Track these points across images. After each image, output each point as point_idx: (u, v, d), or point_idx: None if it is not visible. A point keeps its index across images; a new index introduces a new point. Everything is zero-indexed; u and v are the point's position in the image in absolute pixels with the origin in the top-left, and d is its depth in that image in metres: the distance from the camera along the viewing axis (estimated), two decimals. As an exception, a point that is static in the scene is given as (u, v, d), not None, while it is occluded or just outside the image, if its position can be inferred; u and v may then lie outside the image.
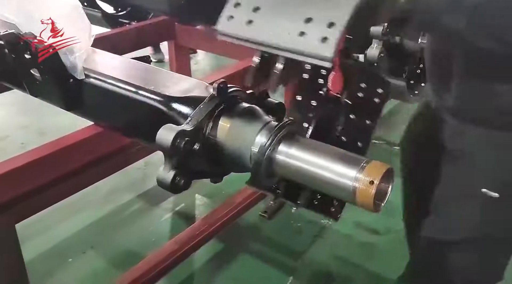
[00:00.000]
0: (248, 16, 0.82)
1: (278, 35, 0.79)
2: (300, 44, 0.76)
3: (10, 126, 3.36)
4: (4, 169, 1.11)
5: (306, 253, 2.21)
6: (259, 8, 0.82)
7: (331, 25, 0.75)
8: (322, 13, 0.77)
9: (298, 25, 0.77)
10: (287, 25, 0.78)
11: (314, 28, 0.76)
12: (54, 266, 2.12)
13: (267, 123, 0.96)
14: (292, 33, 0.77)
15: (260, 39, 0.81)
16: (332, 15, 0.76)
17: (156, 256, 1.87)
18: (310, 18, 0.77)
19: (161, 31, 2.43)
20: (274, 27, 0.79)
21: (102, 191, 2.55)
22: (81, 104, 1.22)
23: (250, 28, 0.82)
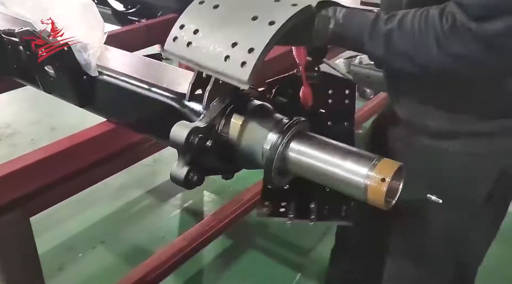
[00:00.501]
0: (188, 38, 0.89)
1: (209, 57, 0.86)
2: (224, 67, 0.84)
3: (22, 122, 3.40)
4: (18, 165, 1.13)
5: (314, 250, 2.22)
6: (198, 31, 0.88)
7: (251, 51, 0.82)
8: (246, 39, 0.84)
9: (225, 49, 0.84)
10: (217, 48, 0.85)
11: (237, 53, 0.83)
12: (65, 260, 2.14)
13: (278, 121, 0.97)
14: (220, 56, 0.84)
15: (196, 60, 0.88)
16: (253, 41, 0.82)
17: (165, 252, 1.89)
18: (235, 42, 0.84)
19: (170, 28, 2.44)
20: (207, 49, 0.86)
21: (112, 187, 2.57)
22: (94, 101, 1.24)
23: (189, 49, 0.88)
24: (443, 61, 0.86)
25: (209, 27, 0.88)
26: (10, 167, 1.11)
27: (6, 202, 1.09)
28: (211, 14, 0.89)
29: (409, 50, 0.87)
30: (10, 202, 1.10)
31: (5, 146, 3.13)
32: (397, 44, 0.88)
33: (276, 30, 0.82)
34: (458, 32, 0.82)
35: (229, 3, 0.91)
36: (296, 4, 0.86)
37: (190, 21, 0.90)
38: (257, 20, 0.84)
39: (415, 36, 0.86)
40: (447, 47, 0.84)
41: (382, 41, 0.89)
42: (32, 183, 1.17)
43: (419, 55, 0.87)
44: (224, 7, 0.90)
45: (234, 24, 0.86)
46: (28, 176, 1.14)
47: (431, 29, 0.85)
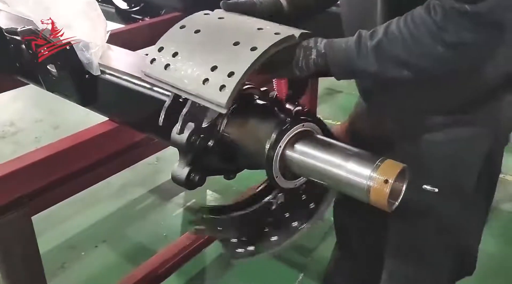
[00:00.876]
0: (167, 60, 0.88)
1: (187, 80, 0.85)
2: (202, 90, 0.82)
3: (25, 120, 3.41)
4: (20, 164, 1.12)
5: (316, 250, 2.22)
6: (177, 53, 0.88)
7: (231, 75, 0.81)
8: (226, 63, 0.83)
9: (204, 72, 0.83)
10: (196, 71, 0.84)
11: (216, 76, 0.82)
12: (67, 259, 2.14)
13: (281, 121, 0.97)
14: (198, 79, 0.83)
15: (173, 82, 0.87)
16: (234, 66, 0.82)
17: (167, 251, 1.89)
18: (215, 66, 0.83)
19: (173, 27, 2.44)
20: (185, 72, 0.85)
21: (115, 186, 2.57)
22: (97, 100, 1.24)
23: (167, 72, 0.88)
24: (442, 56, 0.85)
25: (189, 50, 0.87)
26: (12, 166, 1.10)
27: (8, 201, 1.09)
28: (192, 39, 0.88)
29: (402, 55, 0.86)
30: (12, 201, 1.10)
31: (9, 143, 3.14)
32: (389, 53, 0.87)
33: (258, 56, 0.81)
34: (451, 19, 0.82)
35: (210, 29, 0.90)
36: (279, 33, 0.85)
37: (169, 44, 0.89)
38: (239, 45, 0.83)
39: (406, 40, 0.85)
40: (445, 38, 0.83)
41: (372, 56, 0.87)
42: (34, 182, 1.17)
43: (414, 58, 0.86)
44: (205, 33, 0.89)
45: (215, 49, 0.85)
46: (30, 175, 1.14)
47: (422, 27, 0.84)
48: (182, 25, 0.92)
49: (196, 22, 0.92)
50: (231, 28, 0.89)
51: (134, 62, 1.27)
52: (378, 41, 0.87)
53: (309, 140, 0.92)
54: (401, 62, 0.87)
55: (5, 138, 3.20)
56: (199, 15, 0.94)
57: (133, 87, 1.11)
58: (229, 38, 0.85)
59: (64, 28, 1.18)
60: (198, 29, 0.89)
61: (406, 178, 0.85)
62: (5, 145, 3.12)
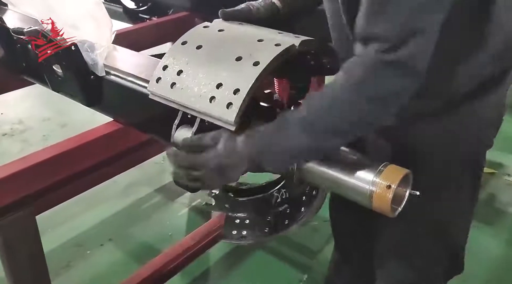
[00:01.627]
0: (172, 78, 0.89)
1: (194, 98, 0.85)
2: (210, 108, 0.83)
3: (34, 118, 3.43)
4: (25, 165, 1.13)
5: (321, 252, 2.21)
6: (182, 71, 0.89)
7: (236, 92, 0.81)
8: (231, 80, 0.83)
9: (210, 90, 0.84)
10: (202, 89, 0.85)
11: (222, 94, 0.83)
12: (73, 257, 2.16)
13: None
14: (204, 98, 0.84)
15: (180, 101, 0.87)
16: (238, 82, 0.82)
17: (172, 251, 1.89)
18: (220, 83, 0.84)
19: (181, 27, 2.44)
20: (191, 90, 0.86)
21: (121, 185, 2.58)
22: (101, 101, 1.24)
23: (173, 90, 0.88)
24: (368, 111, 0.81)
25: (193, 68, 0.87)
26: (17, 167, 1.11)
27: (13, 200, 1.10)
28: (195, 55, 0.89)
29: (331, 122, 0.81)
30: (16, 200, 1.11)
31: (17, 141, 3.17)
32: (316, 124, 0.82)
33: (261, 71, 0.81)
34: (374, 72, 0.79)
35: (212, 43, 0.90)
36: (280, 44, 0.85)
37: (173, 62, 0.90)
38: (242, 60, 0.84)
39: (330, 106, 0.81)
40: (368, 92, 0.79)
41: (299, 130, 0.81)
42: (39, 182, 1.17)
43: (344, 123, 0.82)
44: (207, 48, 0.89)
45: (219, 65, 0.85)
46: (34, 175, 1.15)
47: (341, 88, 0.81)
48: (183, 41, 0.92)
49: (197, 37, 0.92)
50: (232, 41, 0.90)
51: (139, 63, 1.28)
52: (302, 116, 0.83)
53: None
54: (332, 129, 0.82)
55: (14, 136, 3.23)
56: (199, 28, 0.95)
57: (137, 88, 1.11)
58: (231, 52, 0.86)
59: (69, 29, 1.19)
60: (200, 45, 0.89)
61: (410, 184, 0.85)
62: (14, 143, 3.15)
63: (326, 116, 0.81)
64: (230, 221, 1.04)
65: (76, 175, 1.26)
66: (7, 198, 1.09)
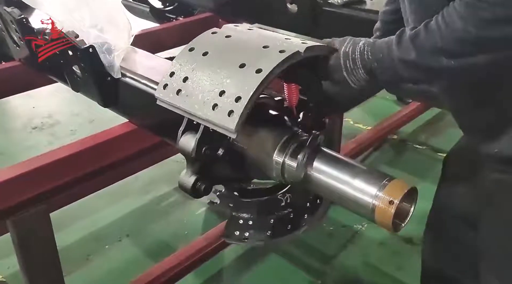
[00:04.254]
0: (178, 85, 0.89)
1: (197, 105, 0.86)
2: (212, 115, 0.84)
3: (62, 113, 3.53)
4: (44, 161, 1.17)
5: (336, 257, 2.19)
6: (187, 78, 0.89)
7: (238, 100, 0.81)
8: (233, 87, 0.83)
9: (213, 97, 0.84)
10: (205, 96, 0.85)
11: (224, 101, 0.83)
12: (91, 251, 2.21)
13: (292, 134, 0.96)
14: (207, 105, 0.84)
15: (185, 108, 0.88)
16: (240, 90, 0.82)
17: (187, 250, 1.92)
18: (223, 91, 0.84)
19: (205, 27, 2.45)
20: (196, 97, 0.86)
21: (141, 182, 2.63)
22: (117, 102, 1.26)
23: (179, 97, 0.89)
24: (475, 39, 0.84)
25: (198, 75, 0.88)
26: (32, 165, 1.15)
27: (27, 197, 1.13)
28: (201, 62, 0.89)
29: (438, 43, 0.87)
30: (31, 198, 1.14)
31: (46, 135, 3.27)
32: (425, 42, 0.88)
33: (263, 79, 0.81)
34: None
35: (218, 50, 0.90)
36: (284, 50, 0.84)
37: (180, 69, 0.90)
38: (245, 68, 0.84)
39: (441, 28, 0.87)
40: (479, 15, 0.82)
41: (410, 45, 0.89)
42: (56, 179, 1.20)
43: (448, 44, 0.86)
44: (213, 54, 0.90)
45: (222, 72, 0.86)
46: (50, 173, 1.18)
47: (454, 13, 0.85)
48: (191, 47, 0.93)
49: (204, 43, 0.92)
50: (238, 48, 0.90)
51: (155, 66, 1.29)
52: (416, 32, 0.89)
53: (318, 154, 0.90)
54: (437, 49, 0.87)
55: (43, 130, 3.33)
56: (207, 35, 0.95)
57: (150, 91, 1.12)
58: (235, 59, 0.86)
59: (88, 30, 1.22)
60: (206, 51, 0.90)
61: (415, 199, 0.83)
62: (43, 136, 3.25)
63: (437, 38, 0.87)
64: (234, 221, 1.04)
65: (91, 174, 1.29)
66: (22, 195, 1.12)
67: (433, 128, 3.21)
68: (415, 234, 2.27)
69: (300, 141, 0.92)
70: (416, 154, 2.98)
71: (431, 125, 3.25)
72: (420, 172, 2.65)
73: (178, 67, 0.90)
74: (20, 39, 1.45)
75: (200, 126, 0.88)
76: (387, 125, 2.96)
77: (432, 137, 3.10)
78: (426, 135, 3.13)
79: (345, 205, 0.87)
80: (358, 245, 2.25)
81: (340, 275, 2.11)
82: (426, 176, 2.51)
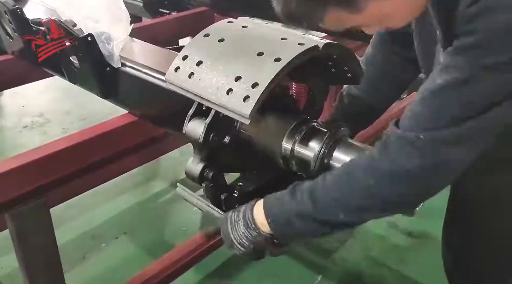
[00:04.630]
0: (191, 69, 0.88)
1: (211, 89, 0.84)
2: (226, 100, 0.82)
3: (53, 111, 3.48)
4: (40, 154, 1.13)
5: (337, 252, 2.17)
6: (201, 62, 0.87)
7: (255, 86, 0.80)
8: (250, 73, 0.81)
9: (228, 82, 0.83)
10: (220, 81, 0.84)
11: (240, 87, 0.81)
12: (88, 249, 2.17)
13: (300, 120, 0.94)
14: (222, 89, 0.83)
15: (196, 91, 0.86)
16: (258, 76, 0.80)
17: (186, 246, 1.88)
18: (239, 76, 0.82)
19: (200, 21, 2.43)
20: (209, 81, 0.85)
21: (137, 178, 2.59)
22: (117, 93, 1.23)
23: (191, 80, 0.87)
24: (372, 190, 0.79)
25: (213, 59, 0.86)
26: (30, 157, 1.11)
27: (26, 191, 1.10)
28: (216, 48, 0.88)
29: (335, 194, 0.82)
30: (30, 191, 1.11)
31: (38, 134, 3.21)
32: (323, 193, 0.83)
33: (282, 67, 0.80)
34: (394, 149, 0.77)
35: (234, 38, 0.89)
36: (303, 43, 0.83)
37: (194, 53, 0.89)
38: (263, 56, 0.82)
39: (340, 177, 0.82)
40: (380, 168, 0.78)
41: (307, 197, 0.83)
42: (53, 173, 1.17)
43: (346, 196, 0.81)
44: (229, 42, 0.88)
45: (239, 59, 0.84)
46: (48, 166, 1.14)
47: (356, 163, 0.82)
48: (206, 33, 0.91)
49: (220, 30, 0.91)
50: (255, 38, 0.88)
51: (155, 55, 1.27)
52: (313, 183, 0.84)
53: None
54: (334, 200, 0.82)
55: (34, 129, 3.27)
56: (223, 23, 0.93)
57: (152, 80, 1.10)
58: (253, 48, 0.84)
59: (86, 20, 1.18)
60: (222, 38, 0.88)
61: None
62: (34, 135, 3.19)
63: (334, 189, 0.83)
64: None
65: (91, 167, 1.26)
66: (21, 188, 1.09)
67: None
68: (414, 228, 2.27)
69: (309, 127, 0.90)
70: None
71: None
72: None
73: (192, 51, 0.88)
74: (14, 30, 1.41)
75: (211, 111, 0.86)
76: (383, 119, 2.94)
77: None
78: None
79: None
80: (359, 239, 2.24)
81: (341, 269, 2.10)
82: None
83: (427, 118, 0.75)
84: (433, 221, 2.20)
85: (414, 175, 0.75)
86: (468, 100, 0.72)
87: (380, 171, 0.77)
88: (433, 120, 0.74)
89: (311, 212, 0.82)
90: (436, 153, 0.73)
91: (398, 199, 0.78)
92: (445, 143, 0.73)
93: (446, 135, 0.73)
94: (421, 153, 0.73)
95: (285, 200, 0.85)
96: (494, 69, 0.70)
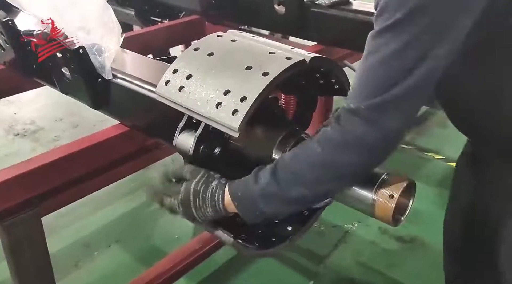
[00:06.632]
0: (181, 82, 0.90)
1: (200, 103, 0.86)
2: (215, 113, 0.84)
3: (46, 118, 3.47)
4: (32, 166, 1.14)
5: (328, 257, 2.19)
6: (191, 76, 0.89)
7: (243, 99, 0.82)
8: (239, 87, 0.84)
9: (217, 96, 0.85)
10: (209, 94, 0.86)
11: (229, 100, 0.83)
12: (80, 257, 2.17)
13: (290, 131, 0.96)
14: (211, 103, 0.85)
15: (186, 104, 0.88)
16: (246, 90, 0.83)
17: (179, 253, 1.90)
18: (228, 90, 0.84)
19: (192, 30, 2.45)
20: (199, 95, 0.87)
21: (130, 186, 2.59)
22: (108, 104, 1.25)
23: (181, 93, 0.89)
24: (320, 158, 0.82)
25: (202, 73, 0.88)
26: (23, 168, 1.12)
27: (18, 202, 1.11)
28: (206, 61, 0.90)
29: (293, 168, 0.84)
30: (22, 202, 1.12)
31: (30, 141, 3.21)
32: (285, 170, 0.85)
33: (270, 81, 0.82)
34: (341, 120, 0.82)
35: (223, 52, 0.91)
36: (291, 57, 0.86)
37: (184, 66, 0.91)
38: (251, 70, 0.85)
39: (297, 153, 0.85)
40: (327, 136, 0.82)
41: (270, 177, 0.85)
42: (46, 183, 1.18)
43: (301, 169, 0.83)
44: (218, 55, 0.90)
45: (228, 73, 0.86)
46: (40, 177, 1.15)
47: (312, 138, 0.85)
48: (196, 47, 0.93)
49: (210, 44, 0.93)
50: (244, 52, 0.91)
51: (146, 67, 1.28)
52: (274, 163, 0.87)
53: None
54: (293, 175, 0.84)
55: (26, 137, 3.27)
56: (213, 37, 0.96)
57: (143, 92, 1.12)
58: (241, 62, 0.87)
59: (78, 32, 1.20)
60: (211, 52, 0.90)
61: (413, 194, 0.84)
62: (26, 143, 3.19)
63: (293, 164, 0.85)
64: None
65: (82, 177, 1.27)
66: (14, 199, 1.10)
67: (419, 128, 3.26)
68: (405, 233, 2.30)
69: (298, 138, 0.92)
70: (402, 153, 3.01)
71: (417, 125, 3.29)
72: (406, 171, 2.65)
73: (182, 65, 0.90)
74: (6, 41, 1.42)
75: (201, 124, 0.88)
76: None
77: (418, 137, 3.14)
78: (412, 135, 3.17)
79: (344, 200, 0.87)
80: (350, 244, 2.26)
81: (332, 274, 2.12)
82: (413, 176, 2.52)
83: (362, 89, 0.81)
84: (422, 226, 2.25)
85: (362, 142, 0.79)
86: (388, 67, 0.78)
87: (332, 141, 0.81)
88: (367, 90, 0.80)
89: (274, 191, 0.85)
90: (375, 119, 0.78)
91: (350, 167, 0.81)
92: (381, 109, 0.78)
93: (379, 102, 0.78)
94: (365, 121, 0.79)
95: (249, 183, 0.87)
96: (395, 29, 0.76)
